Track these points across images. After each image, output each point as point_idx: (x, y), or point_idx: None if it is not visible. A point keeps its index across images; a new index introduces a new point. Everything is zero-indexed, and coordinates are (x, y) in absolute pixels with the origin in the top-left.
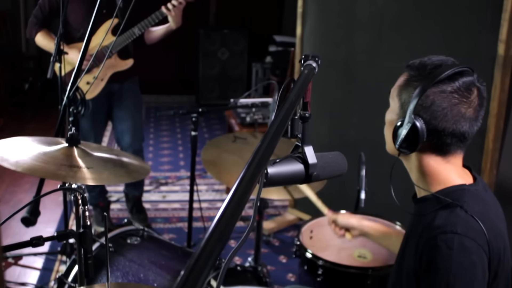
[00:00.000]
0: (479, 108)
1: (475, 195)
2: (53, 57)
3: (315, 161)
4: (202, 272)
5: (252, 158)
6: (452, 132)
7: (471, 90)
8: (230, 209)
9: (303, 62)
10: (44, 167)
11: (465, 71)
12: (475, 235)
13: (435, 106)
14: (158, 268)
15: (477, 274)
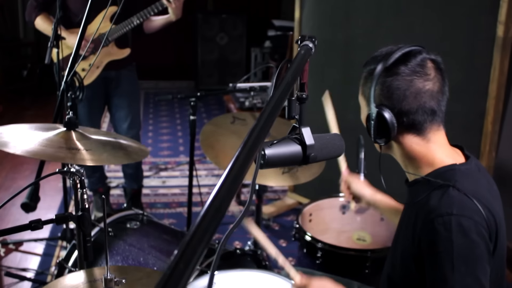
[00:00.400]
0: (441, 80)
1: (467, 174)
2: (51, 42)
3: (312, 142)
4: (198, 248)
5: (248, 136)
6: (417, 109)
7: (424, 65)
8: (225, 186)
9: (300, 42)
10: (43, 150)
11: (413, 50)
12: (471, 214)
13: (393, 90)
14: (158, 252)
15: (479, 251)
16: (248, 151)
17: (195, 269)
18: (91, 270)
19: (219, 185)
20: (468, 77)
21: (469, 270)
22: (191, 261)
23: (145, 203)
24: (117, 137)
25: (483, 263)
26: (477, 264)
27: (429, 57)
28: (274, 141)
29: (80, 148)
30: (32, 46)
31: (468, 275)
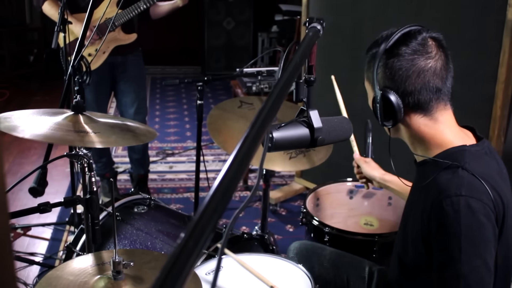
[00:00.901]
0: (444, 57)
1: (476, 155)
2: (57, 26)
3: (320, 125)
4: (207, 227)
5: (256, 117)
6: (421, 88)
7: (425, 44)
8: (234, 166)
9: (308, 24)
10: (52, 134)
11: (412, 29)
12: (480, 195)
13: (395, 71)
14: (165, 236)
15: (487, 233)
16: (256, 132)
17: (204, 247)
18: (99, 253)
19: (228, 165)
20: (477, 61)
21: (476, 251)
22: (201, 239)
23: (152, 188)
24: (124, 120)
25: (490, 246)
26: (484, 246)
27: (429, 35)
28: (281, 124)
29: (89, 131)
30: (39, 31)
31: (475, 256)
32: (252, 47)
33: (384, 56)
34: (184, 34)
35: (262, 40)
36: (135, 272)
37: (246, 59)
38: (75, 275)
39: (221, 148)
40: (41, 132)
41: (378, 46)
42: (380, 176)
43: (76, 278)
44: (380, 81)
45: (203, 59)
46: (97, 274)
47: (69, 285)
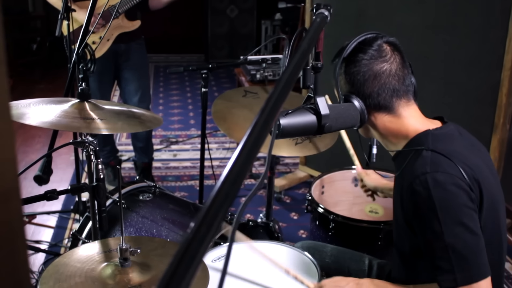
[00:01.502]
0: (399, 61)
1: (440, 136)
2: (61, 14)
3: (327, 112)
4: (219, 212)
5: (265, 104)
6: (379, 90)
7: (381, 49)
8: (245, 152)
9: (315, 11)
10: (58, 121)
11: (368, 37)
12: (445, 168)
13: (354, 76)
14: (170, 223)
15: (460, 200)
16: (266, 118)
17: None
18: (106, 240)
19: (238, 152)
20: (482, 49)
21: (454, 219)
22: (213, 225)
23: (156, 176)
24: (130, 107)
25: (468, 211)
26: (461, 212)
27: (384, 41)
28: (288, 111)
29: (95, 117)
30: (42, 19)
31: (455, 224)
32: (256, 35)
33: (343, 64)
34: (187, 22)
35: (266, 28)
36: (142, 259)
37: (250, 47)
38: (82, 262)
39: (225, 136)
40: (48, 119)
41: (339, 55)
42: (382, 186)
43: (83, 265)
44: (343, 87)
45: (207, 47)
46: (104, 261)
47: (76, 272)
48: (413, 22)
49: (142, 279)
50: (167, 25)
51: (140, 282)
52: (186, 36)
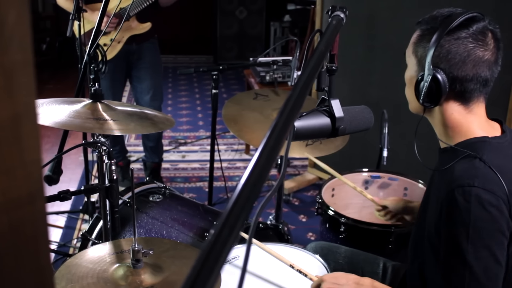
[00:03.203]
0: (497, 51)
1: (497, 148)
2: (72, 15)
3: (341, 114)
4: (241, 215)
5: (284, 106)
6: (473, 78)
7: (485, 34)
8: (264, 155)
9: (330, 13)
10: (71, 121)
11: (475, 16)
12: (492, 187)
13: (452, 54)
14: (180, 225)
15: (497, 225)
16: (285, 120)
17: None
18: (117, 241)
19: (258, 154)
20: None
21: (484, 243)
22: (235, 227)
23: (165, 177)
24: (142, 108)
25: (501, 238)
26: (493, 238)
27: (489, 27)
28: (302, 113)
29: (107, 118)
30: (51, 20)
31: (482, 247)
32: (264, 36)
33: (443, 36)
34: (196, 23)
35: (275, 29)
36: (154, 260)
37: (258, 48)
38: (94, 263)
39: (234, 138)
40: (61, 120)
41: (436, 23)
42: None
43: (95, 266)
44: (433, 60)
45: (215, 48)
46: (116, 262)
47: (88, 273)
48: None
49: (154, 281)
50: (176, 26)
51: (152, 283)
52: (195, 37)
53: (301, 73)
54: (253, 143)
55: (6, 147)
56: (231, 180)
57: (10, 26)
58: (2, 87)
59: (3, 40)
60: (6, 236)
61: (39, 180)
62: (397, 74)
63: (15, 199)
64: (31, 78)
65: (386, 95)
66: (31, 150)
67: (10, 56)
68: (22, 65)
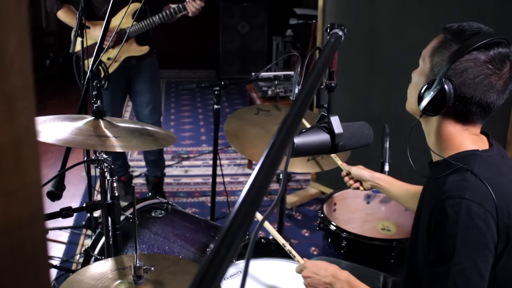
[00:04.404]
0: (509, 82)
1: (487, 161)
2: (75, 31)
3: (341, 131)
4: (238, 234)
5: (281, 125)
6: (478, 102)
7: (505, 62)
8: (262, 173)
9: (329, 30)
10: (73, 138)
11: (501, 42)
12: (482, 200)
13: (466, 73)
14: (183, 240)
15: (484, 239)
16: (283, 138)
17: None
18: (119, 258)
19: (256, 172)
20: None
21: (469, 254)
22: (232, 246)
23: (168, 192)
24: (144, 125)
25: (486, 252)
26: (479, 251)
27: (510, 56)
28: (302, 130)
29: (109, 135)
30: (55, 36)
31: (467, 259)
32: (267, 51)
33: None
34: (198, 38)
35: (277, 44)
36: (155, 276)
37: (261, 63)
38: (96, 279)
39: (236, 152)
40: (63, 137)
41: (463, 37)
42: (370, 174)
43: (97, 283)
44: (442, 67)
45: (218, 63)
46: (118, 279)
47: None
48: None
49: None
50: (178, 41)
51: None
52: (197, 52)
53: (299, 91)
54: (254, 158)
55: (7, 169)
56: (233, 195)
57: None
58: (3, 112)
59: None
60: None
61: (39, 201)
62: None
63: (16, 220)
64: (31, 102)
65: (387, 110)
66: (31, 172)
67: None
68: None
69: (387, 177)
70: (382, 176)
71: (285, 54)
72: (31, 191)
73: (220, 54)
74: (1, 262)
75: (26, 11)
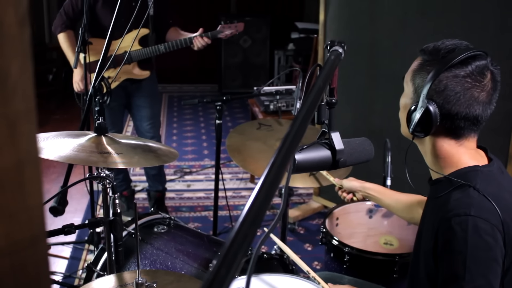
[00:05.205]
0: (493, 92)
1: (488, 176)
2: (78, 47)
3: (342, 147)
4: (238, 253)
5: (282, 144)
6: (465, 116)
7: (484, 74)
8: (263, 192)
9: (329, 48)
10: (76, 155)
11: (478, 55)
12: (488, 216)
13: (448, 91)
14: (185, 256)
15: (493, 254)
16: (283, 157)
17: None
18: (121, 274)
19: (256, 192)
20: None
21: (480, 271)
22: (232, 266)
23: (170, 206)
24: (146, 141)
25: (496, 267)
26: (489, 267)
27: (490, 67)
28: (303, 146)
29: (111, 152)
30: (58, 51)
31: (479, 276)
32: (269, 65)
33: (442, 69)
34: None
35: (279, 58)
36: None
37: (263, 77)
38: None
39: (238, 167)
40: (65, 154)
41: (439, 56)
42: (360, 185)
43: None
44: (429, 92)
45: (220, 77)
46: None
47: None
48: None
49: None
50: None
51: None
52: (199, 66)
53: (300, 109)
54: (257, 173)
55: (9, 192)
56: (236, 209)
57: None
58: (6, 136)
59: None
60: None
61: (42, 223)
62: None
63: (18, 242)
64: (33, 126)
65: (389, 124)
66: (34, 194)
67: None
68: (25, 114)
69: (378, 186)
70: (372, 186)
71: (286, 69)
72: (34, 213)
73: (222, 68)
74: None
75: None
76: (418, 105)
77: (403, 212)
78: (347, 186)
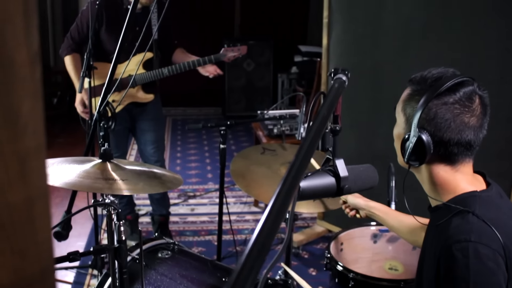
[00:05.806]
0: (483, 116)
1: (487, 201)
2: (83, 72)
3: (346, 174)
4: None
5: (287, 174)
6: (457, 142)
7: (473, 99)
8: (269, 223)
9: (333, 75)
10: (81, 181)
11: (465, 81)
12: (489, 241)
13: (438, 118)
14: (189, 282)
15: (496, 279)
16: (289, 187)
17: None
18: None
19: (263, 222)
20: (499, 102)
21: None
22: None
23: (174, 231)
24: (150, 167)
25: None
26: None
27: (478, 92)
28: (308, 173)
29: (116, 178)
30: (62, 74)
31: None
32: (272, 88)
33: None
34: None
35: (282, 81)
36: None
37: (266, 100)
38: None
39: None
40: (71, 181)
41: (426, 85)
42: (365, 203)
43: None
44: (420, 121)
45: (224, 100)
46: None
47: None
48: None
49: None
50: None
51: None
52: (203, 89)
53: (305, 138)
54: (261, 198)
55: (19, 228)
56: (240, 233)
57: (24, 116)
58: (16, 172)
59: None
60: None
61: (50, 257)
62: None
63: (27, 278)
64: (43, 162)
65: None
66: (43, 229)
67: (25, 143)
68: (35, 150)
69: (383, 206)
70: (377, 205)
71: (290, 92)
72: (43, 247)
73: (225, 91)
74: None
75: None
76: (411, 135)
77: (406, 235)
78: (351, 202)
